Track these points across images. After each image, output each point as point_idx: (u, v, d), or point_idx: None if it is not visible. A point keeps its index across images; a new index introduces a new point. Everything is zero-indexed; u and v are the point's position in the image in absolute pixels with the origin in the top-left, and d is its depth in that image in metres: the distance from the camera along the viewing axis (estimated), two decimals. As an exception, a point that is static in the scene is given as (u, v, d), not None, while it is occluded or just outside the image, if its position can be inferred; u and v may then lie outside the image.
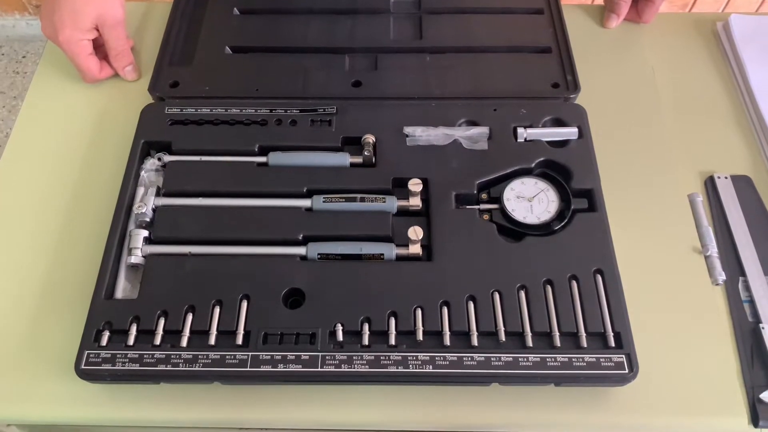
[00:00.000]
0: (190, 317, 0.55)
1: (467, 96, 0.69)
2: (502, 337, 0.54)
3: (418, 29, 0.75)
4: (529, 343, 0.53)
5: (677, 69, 0.76)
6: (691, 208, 0.65)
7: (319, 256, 0.58)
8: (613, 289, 0.56)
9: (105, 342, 0.53)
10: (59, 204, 0.65)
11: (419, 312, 0.55)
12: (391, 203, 0.61)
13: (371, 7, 0.77)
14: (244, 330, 0.54)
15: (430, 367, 0.52)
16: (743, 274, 0.61)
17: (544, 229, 0.60)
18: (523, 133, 0.65)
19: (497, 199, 0.61)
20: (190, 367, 0.52)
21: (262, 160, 0.64)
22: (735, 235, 0.63)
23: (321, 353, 0.53)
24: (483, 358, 0.52)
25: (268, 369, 0.52)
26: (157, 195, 0.62)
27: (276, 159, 0.64)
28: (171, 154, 0.64)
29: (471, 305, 0.55)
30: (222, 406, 0.54)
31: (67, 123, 0.71)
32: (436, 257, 0.58)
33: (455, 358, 0.52)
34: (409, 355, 0.53)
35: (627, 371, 0.52)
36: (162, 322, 0.54)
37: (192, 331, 0.54)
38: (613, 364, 0.52)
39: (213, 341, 0.54)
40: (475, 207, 0.61)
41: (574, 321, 0.54)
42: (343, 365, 0.52)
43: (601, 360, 0.52)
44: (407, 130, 0.65)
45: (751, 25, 0.77)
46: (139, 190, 0.62)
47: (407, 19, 0.77)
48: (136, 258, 0.58)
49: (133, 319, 0.55)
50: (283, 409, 0.54)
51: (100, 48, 0.73)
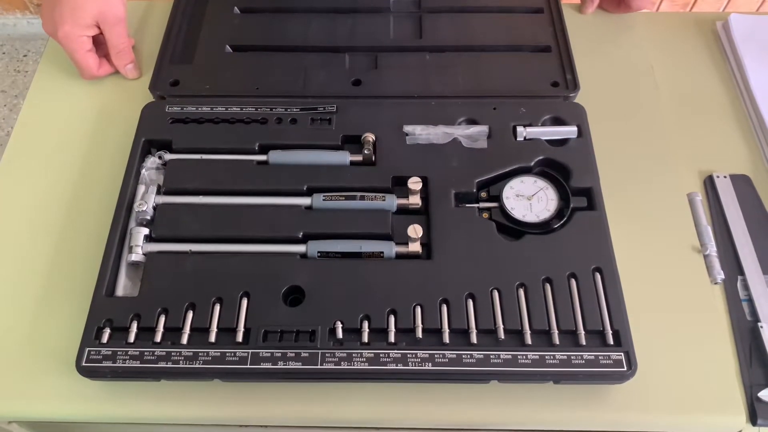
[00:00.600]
0: (190, 315, 0.55)
1: (467, 95, 0.69)
2: (501, 334, 0.54)
3: (418, 28, 0.75)
4: (528, 340, 0.54)
5: (677, 68, 0.76)
6: (690, 207, 0.65)
7: (319, 254, 0.58)
8: (612, 287, 0.56)
9: (106, 339, 0.54)
10: (60, 202, 0.65)
11: (419, 310, 0.55)
12: (391, 201, 0.61)
13: (371, 6, 0.77)
14: (245, 327, 0.54)
15: (430, 364, 0.52)
16: (742, 273, 0.61)
17: (543, 228, 0.60)
18: (522, 132, 0.65)
19: (497, 198, 0.61)
20: (190, 364, 0.52)
21: (262, 158, 0.64)
22: (734, 234, 0.63)
23: (321, 351, 0.53)
24: (482, 356, 0.53)
25: (268, 366, 0.52)
26: (157, 193, 0.62)
27: (276, 157, 0.64)
28: (171, 152, 0.65)
29: (470, 303, 0.55)
30: (222, 404, 0.55)
31: (68, 121, 0.71)
32: (436, 255, 0.58)
33: (454, 356, 0.53)
34: (409, 353, 0.53)
35: (626, 369, 0.52)
36: (162, 319, 0.55)
37: (192, 329, 0.54)
38: (611, 362, 0.52)
39: (213, 339, 0.54)
40: (475, 205, 0.61)
41: (573, 319, 0.54)
42: (342, 363, 0.52)
43: (599, 358, 0.53)
44: (407, 128, 0.65)
45: (751, 24, 0.78)
46: (140, 188, 0.62)
47: (407, 18, 0.77)
48: (137, 256, 0.58)
49: (133, 317, 0.55)
50: (282, 406, 0.55)
51: (101, 46, 0.73)
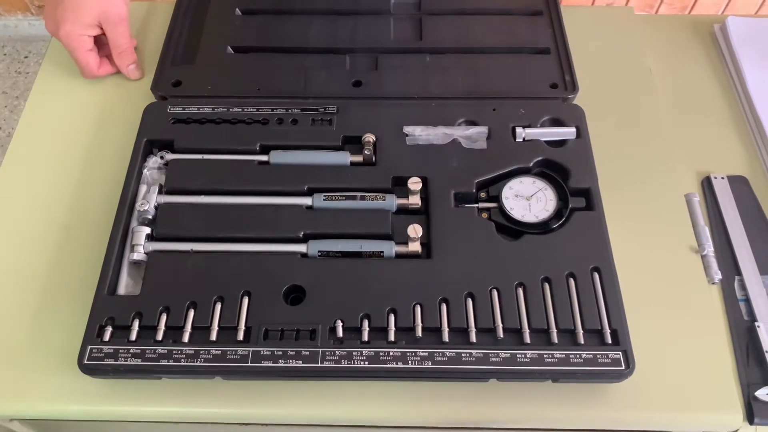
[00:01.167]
0: (191, 313, 0.55)
1: (466, 96, 0.69)
2: (500, 333, 0.54)
3: (418, 30, 0.76)
4: (527, 339, 0.54)
5: (675, 70, 0.77)
6: (687, 208, 0.65)
7: (319, 254, 0.58)
8: (610, 286, 0.56)
9: (108, 337, 0.54)
10: (62, 201, 0.66)
11: (418, 309, 0.55)
12: (391, 201, 0.61)
13: (372, 9, 0.78)
14: (245, 326, 0.54)
15: (429, 363, 0.53)
16: (739, 273, 0.62)
17: (542, 228, 0.60)
18: (521, 133, 0.65)
19: (496, 198, 0.62)
20: (191, 362, 0.53)
21: (263, 158, 0.64)
22: (731, 234, 0.64)
23: (321, 349, 0.53)
24: (481, 355, 0.53)
25: (269, 364, 0.53)
26: (159, 192, 0.62)
27: (277, 157, 0.64)
28: (173, 152, 0.65)
29: (469, 302, 0.56)
30: (223, 401, 0.55)
31: (70, 121, 0.72)
32: (436, 255, 0.58)
33: (454, 355, 0.53)
34: (408, 351, 0.53)
35: (624, 368, 0.52)
36: (164, 317, 0.55)
37: (194, 327, 0.55)
38: (609, 361, 0.53)
39: (214, 337, 0.54)
40: (474, 205, 0.62)
41: (572, 318, 0.55)
42: (342, 361, 0.53)
43: (598, 356, 0.53)
44: (407, 129, 0.66)
45: (748, 27, 0.78)
46: (142, 188, 0.63)
47: (407, 21, 0.77)
48: (139, 255, 0.58)
49: (135, 315, 0.55)
50: (283, 404, 0.55)
51: (103, 46, 0.73)
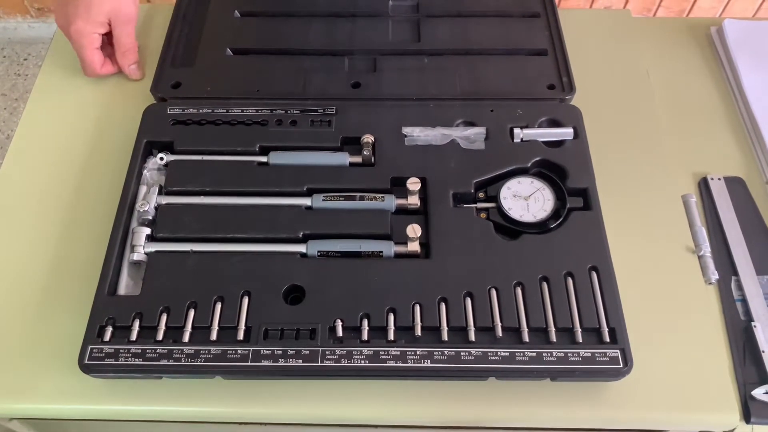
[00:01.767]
0: (191, 313, 0.55)
1: (465, 97, 0.69)
2: (499, 332, 0.54)
3: (416, 32, 0.76)
4: (526, 338, 0.54)
5: (672, 72, 0.77)
6: (684, 209, 0.66)
7: (319, 254, 0.59)
8: (608, 285, 0.57)
9: (108, 337, 0.54)
10: (63, 202, 0.66)
11: (417, 308, 0.55)
12: (390, 202, 0.61)
13: (370, 11, 0.78)
14: (245, 326, 0.55)
15: (428, 362, 0.53)
16: (735, 273, 0.62)
17: (540, 227, 0.60)
18: (519, 134, 0.66)
19: (494, 198, 0.62)
20: (191, 361, 0.53)
21: (262, 159, 0.64)
22: (728, 235, 0.64)
23: (321, 348, 0.53)
24: (480, 353, 0.53)
25: (269, 364, 0.53)
26: (159, 193, 0.62)
27: (276, 158, 0.64)
28: (173, 153, 0.65)
29: (468, 301, 0.56)
30: (223, 401, 0.55)
31: (70, 123, 0.72)
32: (434, 255, 0.59)
33: (453, 353, 0.53)
34: (408, 350, 0.53)
35: (621, 366, 0.53)
36: (164, 317, 0.55)
37: (194, 327, 0.55)
38: (608, 359, 0.53)
39: (214, 336, 0.54)
40: (473, 206, 0.62)
41: (570, 317, 0.55)
42: (342, 360, 0.53)
43: (596, 355, 0.53)
44: (405, 130, 0.66)
45: (744, 29, 0.79)
46: (142, 189, 0.63)
47: (406, 23, 0.78)
48: (139, 255, 0.58)
49: (135, 315, 0.55)
50: (283, 403, 0.55)
51: (105, 46, 0.73)
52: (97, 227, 0.63)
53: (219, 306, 0.56)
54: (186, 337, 0.54)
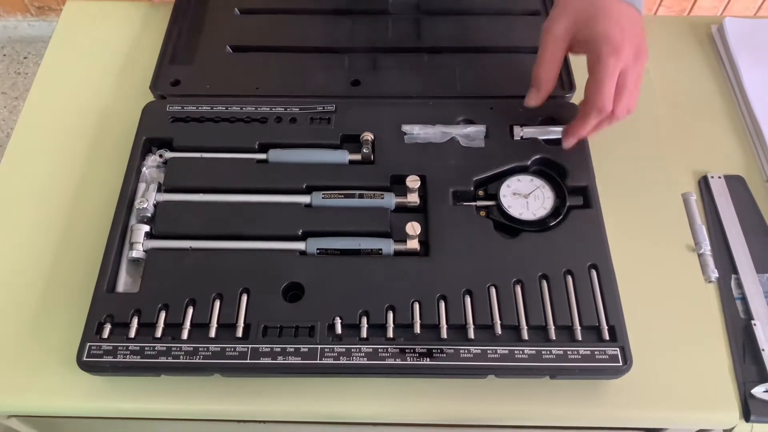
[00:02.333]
0: (190, 310, 0.55)
1: (464, 95, 0.69)
2: (498, 330, 0.54)
3: (416, 30, 0.76)
4: (525, 336, 0.54)
5: (673, 70, 0.77)
6: (684, 207, 0.66)
7: (318, 251, 0.59)
8: (608, 283, 0.56)
9: (107, 334, 0.54)
10: (62, 200, 0.66)
11: (417, 306, 0.55)
12: (389, 200, 0.61)
13: (370, 8, 0.78)
14: (244, 323, 0.55)
15: (428, 359, 0.53)
16: (735, 271, 0.62)
17: (539, 225, 0.60)
18: (519, 131, 0.65)
19: (494, 196, 0.62)
20: (190, 359, 0.53)
21: (262, 157, 0.64)
22: (728, 233, 0.64)
23: (320, 346, 0.53)
24: (479, 351, 0.53)
25: (268, 361, 0.53)
26: (158, 191, 0.62)
27: (276, 156, 0.64)
28: (172, 150, 0.65)
29: (468, 299, 0.56)
30: (222, 398, 0.55)
31: (69, 121, 0.72)
32: (434, 252, 0.58)
33: (452, 351, 0.53)
34: (407, 348, 0.53)
35: (621, 364, 0.53)
36: (163, 315, 0.55)
37: (192, 324, 0.55)
38: (607, 357, 0.53)
39: (213, 334, 0.54)
40: (472, 203, 0.62)
41: (569, 315, 0.55)
42: (341, 358, 0.53)
43: (595, 353, 0.53)
44: (405, 128, 0.66)
45: (745, 28, 0.79)
46: (141, 186, 0.63)
47: (406, 20, 0.77)
48: (138, 252, 0.58)
49: (134, 312, 0.55)
50: (282, 400, 0.55)
51: None
52: (96, 224, 0.63)
53: (218, 303, 0.56)
54: (185, 335, 0.54)
